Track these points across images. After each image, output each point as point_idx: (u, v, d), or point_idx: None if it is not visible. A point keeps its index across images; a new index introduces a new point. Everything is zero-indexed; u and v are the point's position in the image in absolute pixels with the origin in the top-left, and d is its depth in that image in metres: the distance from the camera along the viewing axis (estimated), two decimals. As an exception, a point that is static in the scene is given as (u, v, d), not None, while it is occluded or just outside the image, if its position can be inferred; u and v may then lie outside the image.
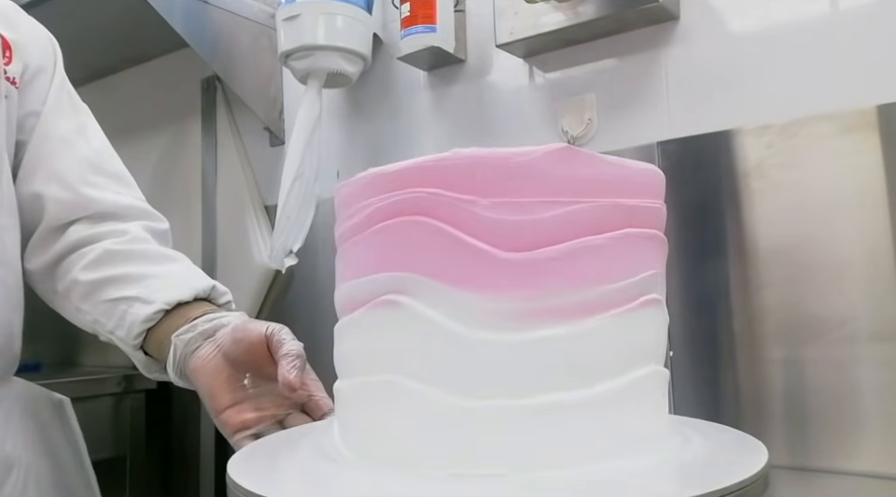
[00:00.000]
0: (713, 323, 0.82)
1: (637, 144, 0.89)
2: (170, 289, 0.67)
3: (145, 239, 0.74)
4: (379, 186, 0.43)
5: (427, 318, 0.40)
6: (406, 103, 1.13)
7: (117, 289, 0.68)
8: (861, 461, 0.73)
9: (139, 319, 0.66)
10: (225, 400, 0.61)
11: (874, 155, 0.74)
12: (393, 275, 0.42)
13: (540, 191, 0.40)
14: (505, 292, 0.40)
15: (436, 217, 0.41)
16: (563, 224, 0.40)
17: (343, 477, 0.42)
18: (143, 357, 0.69)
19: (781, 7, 0.82)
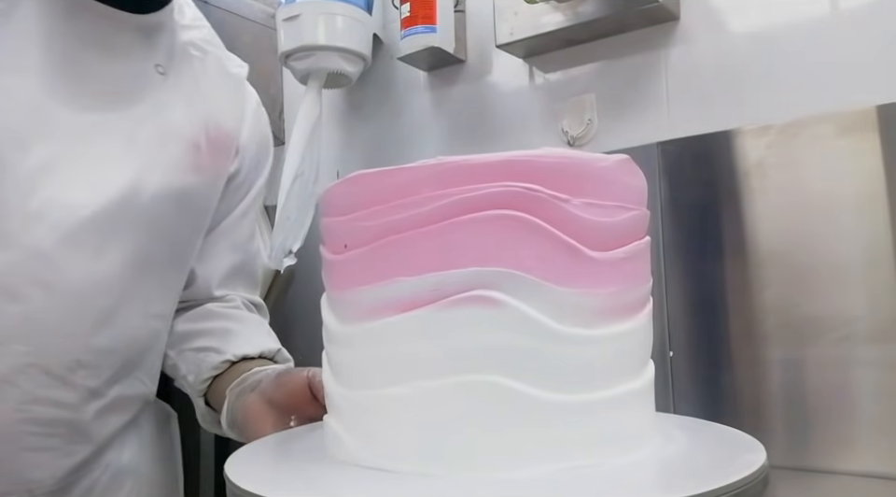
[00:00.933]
0: (713, 323, 0.82)
1: (637, 144, 0.89)
2: (242, 344, 0.71)
3: (243, 308, 0.79)
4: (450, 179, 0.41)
5: (524, 314, 0.40)
6: (406, 103, 1.13)
7: (202, 340, 0.73)
8: (861, 461, 0.73)
9: (209, 367, 0.69)
10: None
11: (873, 155, 0.74)
12: (482, 269, 0.40)
13: (615, 196, 0.43)
14: (593, 290, 0.41)
15: (531, 212, 0.41)
16: (629, 228, 0.44)
17: (342, 478, 0.42)
18: (203, 406, 0.72)
19: (781, 7, 0.81)
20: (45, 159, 0.56)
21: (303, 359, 0.69)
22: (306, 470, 0.44)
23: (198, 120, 0.68)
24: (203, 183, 0.69)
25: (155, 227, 0.64)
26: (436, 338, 0.41)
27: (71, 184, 0.58)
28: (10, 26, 0.56)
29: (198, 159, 0.67)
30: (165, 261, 0.67)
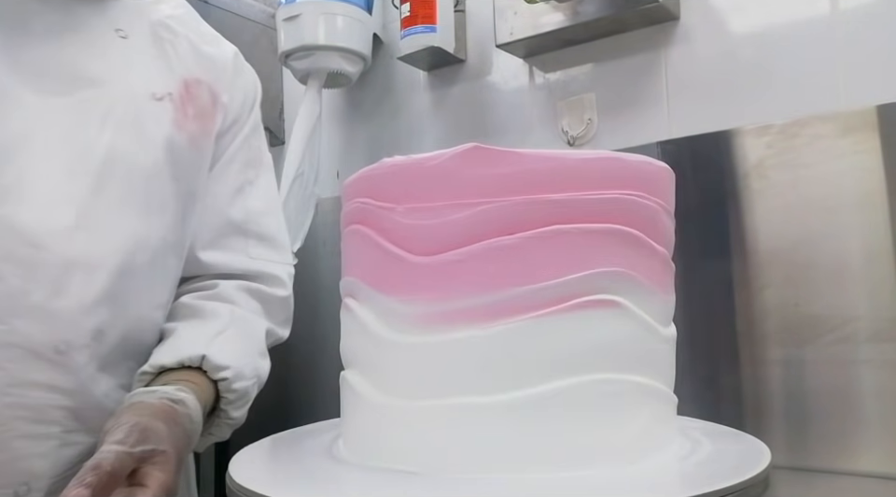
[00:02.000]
0: (713, 323, 0.82)
1: (637, 144, 0.89)
2: (165, 351, 0.62)
3: (222, 298, 0.69)
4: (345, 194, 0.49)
5: (363, 320, 0.43)
6: (406, 103, 1.13)
7: None
8: (861, 461, 0.73)
9: (136, 378, 0.61)
10: None
11: (874, 155, 0.74)
12: (346, 279, 0.46)
13: (450, 193, 0.41)
14: (416, 296, 0.41)
15: (367, 224, 0.43)
16: (471, 226, 0.40)
17: (342, 478, 0.42)
18: None
19: (781, 7, 0.81)
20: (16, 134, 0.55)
21: (304, 359, 0.69)
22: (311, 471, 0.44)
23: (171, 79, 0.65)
24: (186, 143, 0.65)
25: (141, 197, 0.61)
26: None
27: (46, 158, 0.56)
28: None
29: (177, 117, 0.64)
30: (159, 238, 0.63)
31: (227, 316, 0.67)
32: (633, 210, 0.42)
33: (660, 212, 0.44)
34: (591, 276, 0.40)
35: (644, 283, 0.42)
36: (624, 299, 0.41)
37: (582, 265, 0.40)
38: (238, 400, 0.63)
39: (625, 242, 0.41)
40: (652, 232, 0.43)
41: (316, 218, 1.13)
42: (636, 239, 0.42)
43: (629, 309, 0.41)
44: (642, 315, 0.42)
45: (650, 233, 0.43)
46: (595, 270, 0.40)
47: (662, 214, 0.45)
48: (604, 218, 0.41)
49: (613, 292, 0.40)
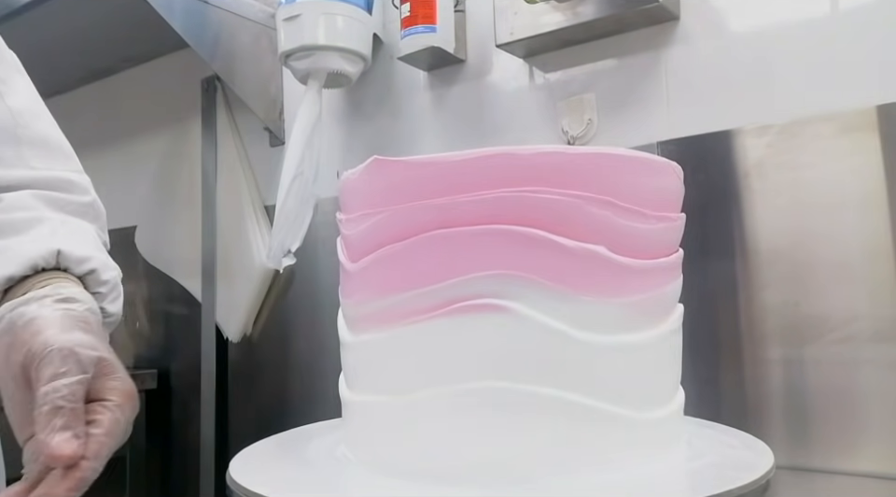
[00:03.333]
0: (714, 323, 0.82)
1: (637, 144, 0.89)
2: (6, 263, 0.51)
3: (16, 207, 0.57)
4: None
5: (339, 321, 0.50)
6: (406, 103, 1.13)
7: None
8: (862, 461, 0.73)
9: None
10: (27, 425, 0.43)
11: (874, 155, 0.74)
12: None
13: (362, 204, 0.44)
14: (348, 299, 0.46)
15: None
16: (372, 234, 0.43)
17: (344, 479, 0.42)
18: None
19: (781, 7, 0.81)
20: None
21: (304, 359, 0.68)
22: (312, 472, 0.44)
23: None
24: None
25: None
26: None
27: None
28: None
29: None
30: None
31: (48, 220, 0.56)
32: (533, 207, 0.39)
33: (579, 205, 0.40)
34: (472, 279, 0.39)
35: (548, 285, 0.39)
36: (516, 303, 0.39)
37: (465, 269, 0.39)
38: (111, 292, 0.54)
39: (519, 242, 0.39)
40: (567, 228, 0.39)
41: (316, 218, 1.13)
42: (533, 239, 0.39)
43: (522, 314, 0.38)
44: (544, 320, 0.39)
45: (561, 229, 0.39)
46: (477, 274, 0.39)
47: (586, 206, 0.40)
48: (492, 219, 0.39)
49: (502, 296, 0.39)
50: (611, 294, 0.40)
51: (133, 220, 1.47)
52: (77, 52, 1.40)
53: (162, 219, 1.45)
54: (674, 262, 0.47)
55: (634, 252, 0.42)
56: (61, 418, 0.40)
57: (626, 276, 0.41)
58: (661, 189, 0.45)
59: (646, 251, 0.43)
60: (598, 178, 0.41)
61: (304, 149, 1.08)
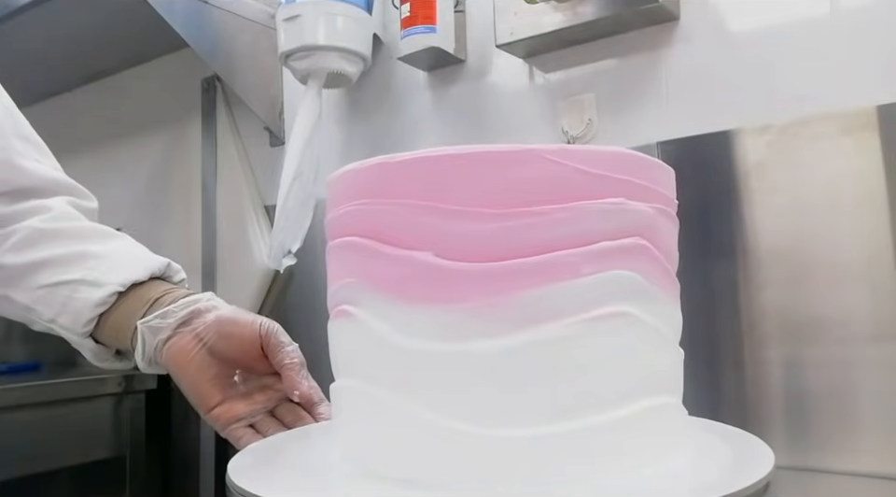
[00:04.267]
0: (713, 323, 0.82)
1: (636, 144, 0.89)
2: (121, 268, 0.60)
3: (75, 216, 0.65)
4: None
5: None
6: (406, 103, 1.13)
7: (54, 272, 0.61)
8: (861, 461, 0.73)
9: (89, 304, 0.60)
10: (215, 398, 0.58)
11: (874, 155, 0.74)
12: None
13: None
14: None
15: None
16: None
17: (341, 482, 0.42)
18: (93, 345, 0.63)
19: (781, 6, 0.81)
20: None
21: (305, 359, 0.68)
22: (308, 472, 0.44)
23: None
24: None
25: None
26: None
27: None
28: None
29: None
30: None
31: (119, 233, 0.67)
32: (370, 218, 0.42)
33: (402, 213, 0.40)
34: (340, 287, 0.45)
35: (383, 294, 0.41)
36: (360, 310, 0.42)
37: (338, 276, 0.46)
38: None
39: (361, 253, 0.42)
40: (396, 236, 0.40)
41: (316, 218, 1.13)
42: (368, 249, 0.41)
43: (363, 320, 0.42)
44: (378, 326, 0.40)
45: (391, 238, 0.40)
46: (342, 282, 0.44)
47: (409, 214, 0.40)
48: (344, 231, 0.44)
49: (354, 303, 0.43)
50: (444, 300, 0.39)
51: (133, 219, 1.47)
52: (77, 52, 1.40)
53: (162, 218, 1.45)
54: (534, 263, 0.38)
55: (469, 255, 0.39)
56: (304, 369, 0.58)
57: (456, 282, 0.38)
58: (525, 180, 0.39)
59: (489, 254, 0.38)
60: (425, 183, 0.39)
61: (304, 149, 1.08)
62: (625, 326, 0.40)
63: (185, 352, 0.58)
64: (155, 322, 0.59)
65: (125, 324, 0.60)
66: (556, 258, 0.38)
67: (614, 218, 0.40)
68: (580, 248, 0.38)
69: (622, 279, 0.40)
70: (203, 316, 0.59)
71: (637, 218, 0.41)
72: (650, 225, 0.41)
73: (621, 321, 0.39)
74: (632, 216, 0.40)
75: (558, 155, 0.39)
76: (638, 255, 0.41)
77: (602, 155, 0.40)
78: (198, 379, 0.58)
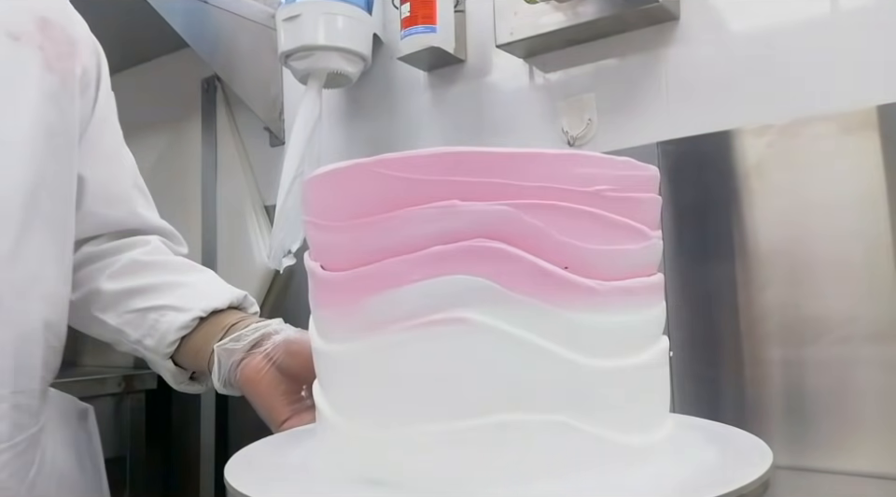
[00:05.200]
0: (713, 323, 0.82)
1: (636, 144, 0.89)
2: (204, 297, 0.67)
3: (167, 252, 0.74)
4: None
5: None
6: (406, 103, 1.13)
7: (145, 298, 0.68)
8: (861, 461, 0.73)
9: (174, 327, 0.66)
10: (285, 412, 0.61)
11: (874, 155, 0.74)
12: None
13: None
14: None
15: None
16: None
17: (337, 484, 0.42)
18: (172, 366, 0.69)
19: (781, 6, 0.81)
20: None
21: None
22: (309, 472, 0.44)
23: (22, 18, 0.61)
24: (61, 87, 0.62)
25: (28, 141, 0.58)
26: None
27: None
28: None
29: (49, 59, 0.61)
30: (57, 183, 0.62)
31: (203, 267, 0.74)
32: None
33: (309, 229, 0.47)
34: None
35: None
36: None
37: None
38: None
39: None
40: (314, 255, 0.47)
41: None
42: None
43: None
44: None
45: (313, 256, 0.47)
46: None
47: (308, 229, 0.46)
48: None
49: None
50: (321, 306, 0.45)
51: (134, 220, 1.47)
52: (78, 52, 1.41)
53: (162, 218, 1.45)
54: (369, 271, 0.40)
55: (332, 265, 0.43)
56: None
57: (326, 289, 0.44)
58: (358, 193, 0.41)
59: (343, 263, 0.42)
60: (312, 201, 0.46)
61: (304, 149, 1.08)
62: (466, 332, 0.37)
63: (256, 371, 0.62)
64: (230, 345, 0.64)
65: (204, 348, 0.66)
66: (386, 265, 0.39)
67: (446, 220, 0.38)
68: (405, 255, 0.38)
69: (459, 284, 0.37)
70: (272, 337, 0.64)
71: (477, 218, 0.38)
72: (501, 224, 0.38)
73: (459, 327, 0.37)
74: (470, 216, 0.38)
75: (379, 166, 0.39)
76: (487, 257, 0.38)
77: (430, 159, 0.39)
78: (269, 396, 0.62)
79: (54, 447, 0.66)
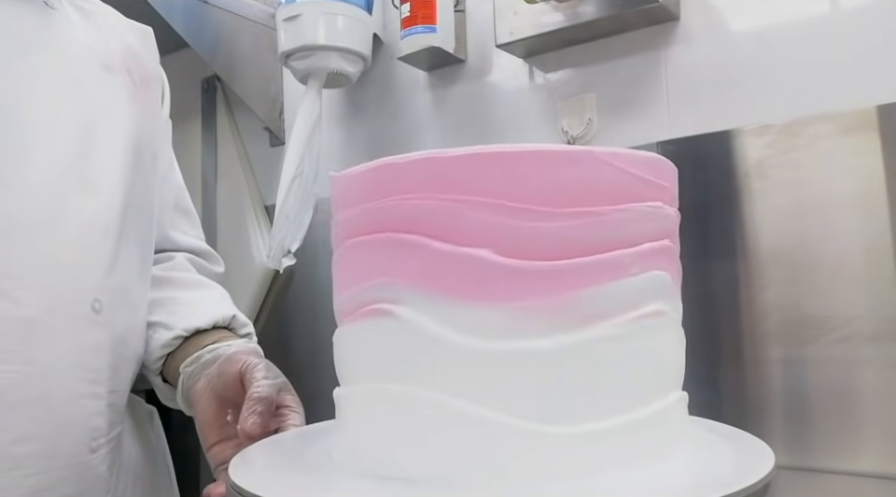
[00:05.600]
0: (714, 323, 0.82)
1: (636, 144, 0.89)
2: (191, 316, 0.68)
3: (186, 268, 0.76)
4: None
5: None
6: (406, 103, 1.13)
7: (148, 313, 0.69)
8: (862, 461, 0.73)
9: (158, 345, 0.67)
10: (212, 436, 0.61)
11: (874, 155, 0.74)
12: None
13: None
14: None
15: None
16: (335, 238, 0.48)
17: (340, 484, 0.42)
18: (160, 383, 0.70)
19: (781, 7, 0.82)
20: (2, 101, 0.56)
21: (304, 359, 0.69)
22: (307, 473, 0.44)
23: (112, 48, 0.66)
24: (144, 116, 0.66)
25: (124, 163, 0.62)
26: None
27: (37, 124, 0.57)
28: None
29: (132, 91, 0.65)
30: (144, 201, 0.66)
31: (213, 286, 0.75)
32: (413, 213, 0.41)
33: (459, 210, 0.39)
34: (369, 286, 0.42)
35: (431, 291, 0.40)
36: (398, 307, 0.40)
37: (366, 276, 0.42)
38: None
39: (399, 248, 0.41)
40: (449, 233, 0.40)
41: (316, 217, 1.13)
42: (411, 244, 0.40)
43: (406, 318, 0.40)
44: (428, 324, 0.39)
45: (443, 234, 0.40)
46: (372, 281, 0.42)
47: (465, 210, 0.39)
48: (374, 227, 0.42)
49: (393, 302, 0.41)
50: (501, 298, 0.38)
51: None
52: (77, 52, 1.41)
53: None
54: (594, 262, 0.39)
55: (531, 254, 0.38)
56: (261, 406, 0.55)
57: (517, 280, 0.38)
58: (580, 181, 0.39)
59: (550, 252, 0.39)
60: (477, 179, 0.39)
61: (304, 149, 1.08)
62: (662, 324, 0.41)
63: (198, 393, 0.62)
64: (188, 366, 0.65)
65: (178, 368, 0.66)
66: (611, 258, 0.39)
67: (654, 220, 0.41)
68: (630, 249, 0.40)
69: (658, 279, 0.41)
70: (220, 359, 0.63)
71: (668, 221, 0.43)
72: (674, 228, 0.44)
73: (659, 320, 0.41)
74: (665, 219, 0.42)
75: (610, 157, 0.40)
76: (667, 256, 0.42)
77: (645, 159, 0.41)
78: (201, 419, 0.62)
79: (130, 446, 0.68)
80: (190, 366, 0.65)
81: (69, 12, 0.65)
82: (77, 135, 0.59)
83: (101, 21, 0.68)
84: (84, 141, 0.60)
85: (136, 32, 0.73)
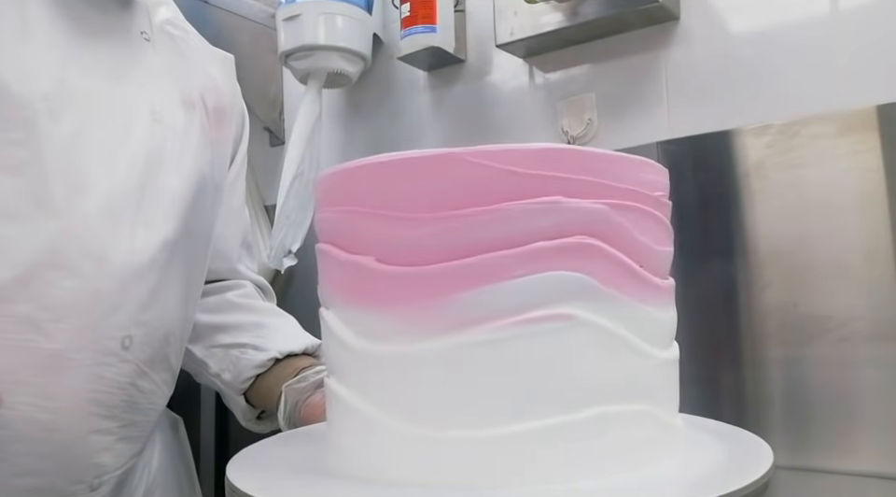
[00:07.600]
0: (713, 323, 0.82)
1: (637, 144, 0.89)
2: (284, 340, 0.72)
3: (258, 297, 0.80)
4: None
5: None
6: (406, 103, 1.13)
7: (231, 335, 0.73)
8: (861, 461, 0.73)
9: (251, 365, 0.70)
10: None
11: (874, 155, 0.74)
12: None
13: None
14: None
15: None
16: None
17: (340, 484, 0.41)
18: (244, 403, 0.72)
19: (781, 7, 0.81)
20: (75, 127, 0.55)
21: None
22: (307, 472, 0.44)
23: (196, 81, 0.68)
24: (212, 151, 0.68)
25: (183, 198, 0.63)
26: None
27: (103, 153, 0.57)
28: None
29: (205, 126, 0.67)
30: (198, 235, 0.66)
31: (287, 314, 0.79)
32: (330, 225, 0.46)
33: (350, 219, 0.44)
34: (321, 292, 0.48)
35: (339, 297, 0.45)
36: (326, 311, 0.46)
37: None
38: None
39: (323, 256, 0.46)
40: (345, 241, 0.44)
41: (316, 218, 1.13)
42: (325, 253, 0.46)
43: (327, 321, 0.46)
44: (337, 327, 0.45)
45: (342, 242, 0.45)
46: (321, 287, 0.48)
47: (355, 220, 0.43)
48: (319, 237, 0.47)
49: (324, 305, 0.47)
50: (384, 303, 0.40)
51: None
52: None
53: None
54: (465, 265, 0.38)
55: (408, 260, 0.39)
56: None
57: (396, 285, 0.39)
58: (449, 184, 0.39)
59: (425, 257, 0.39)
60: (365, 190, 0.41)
61: (304, 149, 1.08)
62: (568, 328, 0.38)
63: (316, 407, 0.65)
64: (296, 385, 0.67)
65: (274, 388, 0.69)
66: (486, 260, 0.38)
67: (550, 217, 0.38)
68: (510, 250, 0.38)
69: (563, 280, 0.38)
70: None
71: (578, 215, 0.38)
72: (598, 222, 0.39)
73: (563, 324, 0.38)
74: (571, 214, 0.38)
75: (480, 157, 0.38)
76: (586, 254, 0.38)
77: (532, 153, 0.38)
78: None
79: (150, 453, 0.69)
80: (297, 385, 0.67)
81: (161, 42, 0.67)
82: (140, 170, 0.59)
83: (188, 50, 0.70)
84: (146, 176, 0.60)
85: (218, 60, 0.75)
